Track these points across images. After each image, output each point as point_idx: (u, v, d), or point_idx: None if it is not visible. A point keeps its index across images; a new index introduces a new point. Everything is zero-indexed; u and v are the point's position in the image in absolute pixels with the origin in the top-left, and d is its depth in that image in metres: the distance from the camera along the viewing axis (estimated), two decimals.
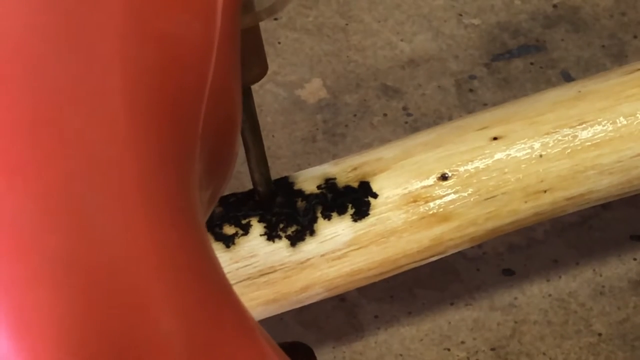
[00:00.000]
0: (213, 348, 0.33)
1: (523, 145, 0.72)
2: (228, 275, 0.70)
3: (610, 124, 0.73)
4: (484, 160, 0.72)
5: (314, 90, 1.06)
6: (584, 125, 0.73)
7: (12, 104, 0.30)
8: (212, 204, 0.39)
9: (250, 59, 0.60)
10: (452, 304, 0.94)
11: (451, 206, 0.71)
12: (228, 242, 0.70)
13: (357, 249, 0.71)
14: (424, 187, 0.71)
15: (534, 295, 0.94)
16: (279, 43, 1.09)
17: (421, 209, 0.71)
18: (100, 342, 0.30)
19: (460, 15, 1.11)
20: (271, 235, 0.70)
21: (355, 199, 0.71)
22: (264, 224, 0.70)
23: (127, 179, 0.31)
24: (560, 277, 0.95)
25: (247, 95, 0.65)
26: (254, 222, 0.70)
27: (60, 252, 0.29)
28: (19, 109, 0.30)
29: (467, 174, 0.72)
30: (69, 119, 0.31)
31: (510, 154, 0.72)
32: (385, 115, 1.04)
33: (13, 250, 0.29)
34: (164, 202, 0.32)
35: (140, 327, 0.30)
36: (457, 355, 0.91)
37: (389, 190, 0.72)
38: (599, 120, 0.73)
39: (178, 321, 0.31)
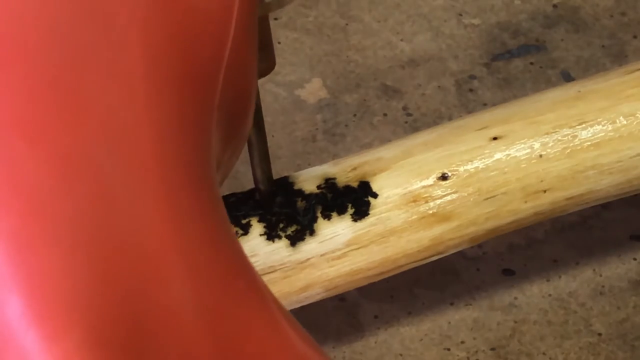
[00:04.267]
0: (224, 312, 0.33)
1: (523, 145, 0.72)
2: None
3: (610, 124, 0.73)
4: (483, 160, 0.72)
5: (314, 90, 1.06)
6: (583, 125, 0.73)
7: (32, 67, 0.30)
8: (232, 161, 0.40)
9: (258, 52, 0.60)
10: (452, 304, 0.94)
11: (451, 206, 0.71)
12: None
13: (357, 248, 0.71)
14: (424, 187, 0.72)
15: (534, 295, 0.94)
16: (279, 43, 1.09)
17: (421, 208, 0.71)
18: (113, 307, 0.30)
19: (460, 15, 1.11)
20: (271, 235, 0.70)
21: (355, 199, 0.71)
22: (264, 224, 0.70)
23: (143, 145, 0.31)
24: (560, 277, 0.95)
25: None
26: (254, 222, 0.70)
27: (77, 216, 0.30)
28: (39, 73, 0.30)
29: (467, 174, 0.72)
30: (88, 83, 0.31)
31: (510, 154, 0.72)
32: (385, 115, 1.04)
33: (31, 211, 0.30)
34: (180, 169, 0.33)
35: (153, 292, 0.31)
36: (457, 355, 0.91)
37: (388, 190, 0.72)
38: (598, 120, 0.73)
39: (190, 286, 0.32)
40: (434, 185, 0.72)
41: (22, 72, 0.30)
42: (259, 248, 0.70)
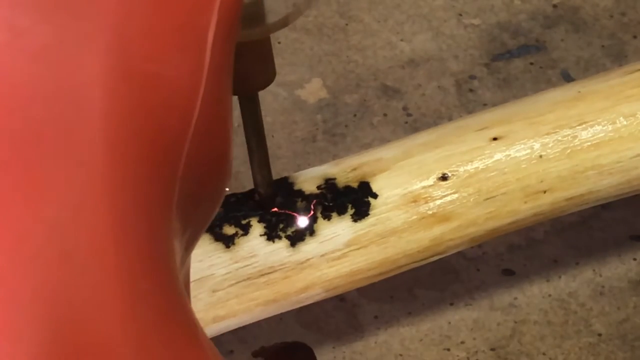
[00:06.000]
0: None
1: (523, 146, 0.72)
2: (228, 276, 0.70)
3: (610, 124, 0.73)
4: (483, 160, 0.72)
5: (314, 90, 1.06)
6: (583, 126, 0.73)
7: None
8: (190, 247, 0.38)
9: (257, 68, 0.60)
10: (452, 304, 0.94)
11: (451, 206, 0.71)
12: (228, 242, 0.70)
13: (357, 249, 0.71)
14: (424, 187, 0.72)
15: (534, 295, 0.94)
16: (279, 43, 1.09)
17: (421, 209, 0.71)
18: None
19: (460, 15, 1.11)
20: (271, 235, 0.70)
21: (355, 199, 0.71)
22: (264, 224, 0.70)
23: (100, 227, 0.31)
24: (560, 277, 0.95)
25: (253, 101, 0.65)
26: (254, 222, 0.70)
27: (28, 299, 0.29)
28: None
29: (467, 175, 0.72)
30: (46, 162, 0.30)
31: (510, 155, 0.72)
32: (385, 115, 1.04)
33: None
34: (136, 250, 0.32)
35: None
36: (457, 356, 0.91)
37: (388, 190, 0.72)
38: (598, 120, 0.73)
39: None
40: (434, 185, 0.72)
41: None
42: (259, 248, 0.70)
